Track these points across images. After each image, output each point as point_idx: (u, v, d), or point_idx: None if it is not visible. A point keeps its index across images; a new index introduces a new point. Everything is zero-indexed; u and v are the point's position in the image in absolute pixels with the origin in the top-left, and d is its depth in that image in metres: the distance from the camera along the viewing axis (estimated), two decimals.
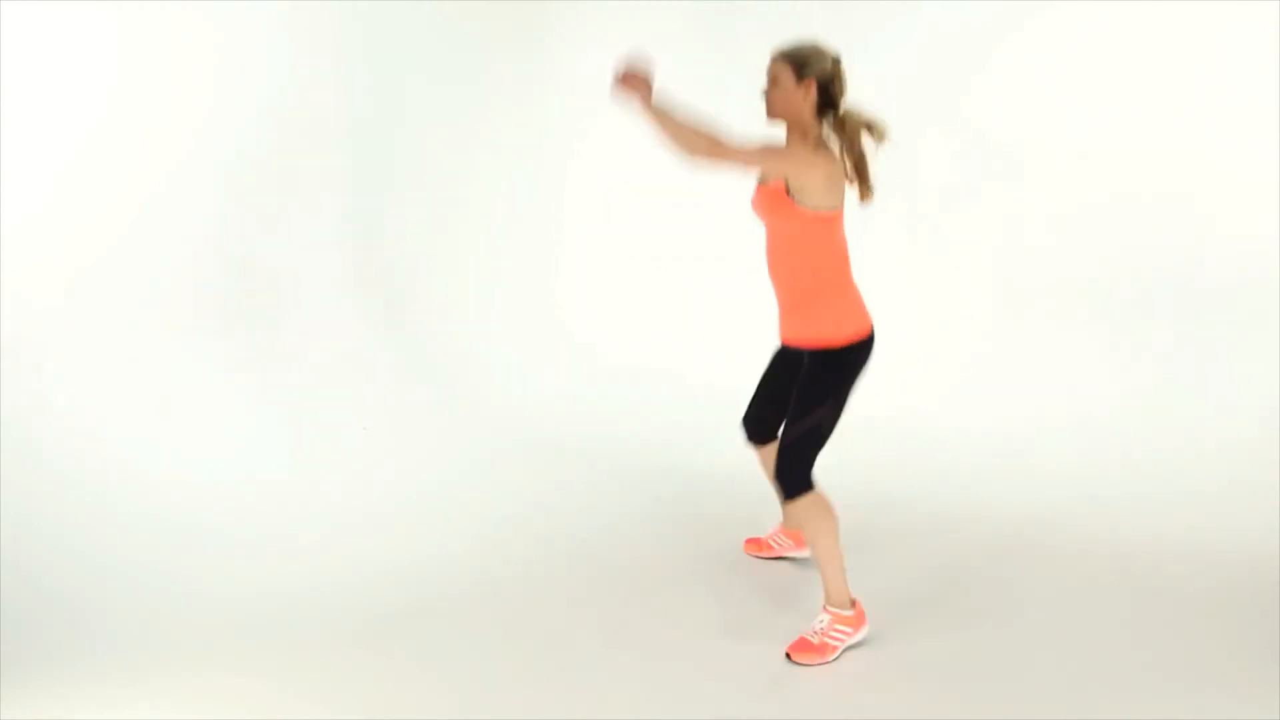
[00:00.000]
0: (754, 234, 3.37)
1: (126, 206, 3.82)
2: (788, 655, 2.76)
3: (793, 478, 2.76)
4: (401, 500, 3.87)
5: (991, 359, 4.58)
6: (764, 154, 2.67)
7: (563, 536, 3.61)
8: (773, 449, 3.07)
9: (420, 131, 4.94)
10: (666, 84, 5.44)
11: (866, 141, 2.75)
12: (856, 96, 2.81)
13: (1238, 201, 4.24)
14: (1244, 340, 4.17)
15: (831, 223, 2.74)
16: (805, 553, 3.31)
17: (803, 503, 2.77)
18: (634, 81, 2.63)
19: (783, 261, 2.83)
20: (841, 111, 2.76)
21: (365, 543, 3.53)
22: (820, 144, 2.74)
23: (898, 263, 4.76)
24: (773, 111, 2.78)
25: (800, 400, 2.78)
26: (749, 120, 2.91)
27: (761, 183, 2.82)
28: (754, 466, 3.43)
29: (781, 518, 3.37)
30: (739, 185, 5.14)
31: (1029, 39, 4.56)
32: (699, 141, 2.57)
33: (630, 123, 5.41)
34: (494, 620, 3.01)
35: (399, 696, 2.62)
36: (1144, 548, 3.37)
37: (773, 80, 2.76)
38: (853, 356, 2.77)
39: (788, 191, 2.69)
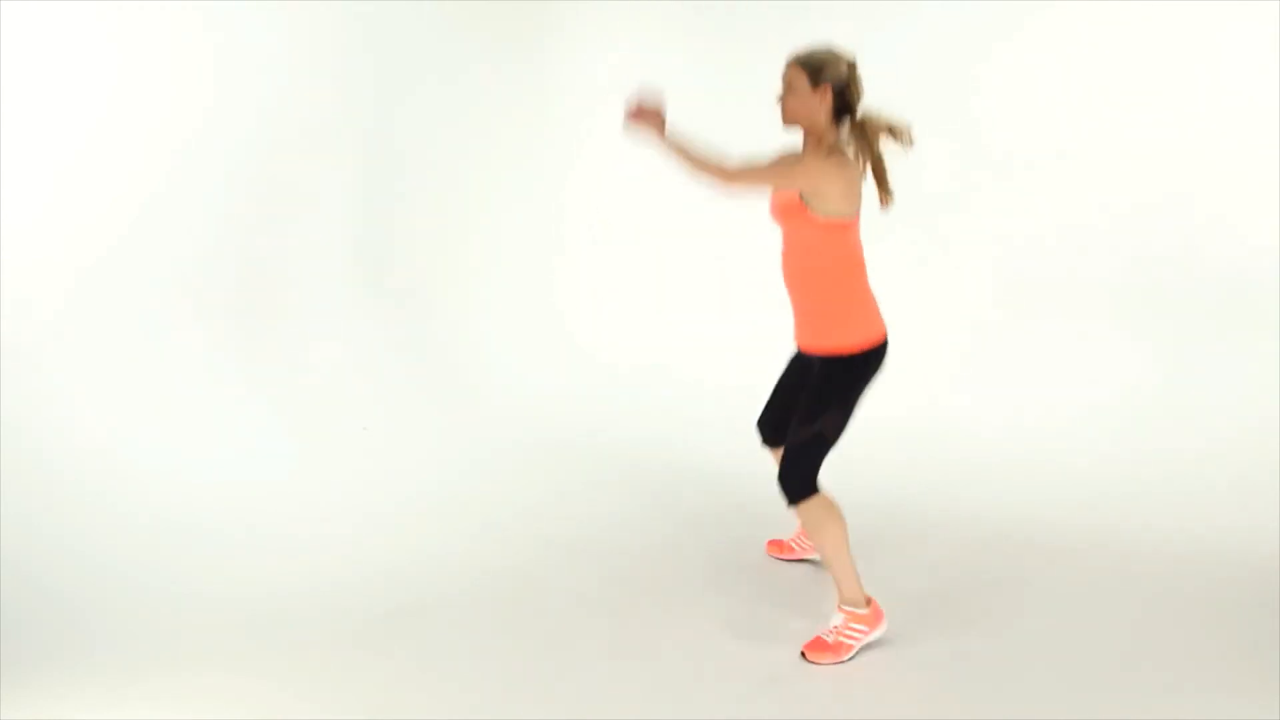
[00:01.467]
0: (755, 234, 3.38)
1: (127, 206, 3.82)
2: (803, 654, 2.75)
3: (794, 482, 2.75)
4: (401, 500, 3.87)
5: (993, 360, 4.57)
6: (779, 171, 2.68)
7: (563, 536, 3.60)
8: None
9: (420, 132, 4.94)
10: (666, 84, 5.44)
11: (887, 145, 2.75)
12: (870, 98, 2.81)
13: (1238, 202, 4.24)
14: (1245, 340, 4.17)
15: (847, 230, 2.73)
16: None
17: (807, 507, 2.76)
18: (646, 116, 2.65)
19: (798, 268, 2.82)
20: (859, 116, 2.75)
21: (365, 543, 3.53)
22: (836, 150, 2.72)
23: (900, 263, 4.75)
24: (788, 118, 2.78)
25: (807, 405, 2.77)
26: (753, 123, 2.92)
27: (777, 190, 2.81)
28: (754, 466, 3.44)
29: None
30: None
31: (1030, 39, 4.56)
32: (716, 172, 2.61)
33: (633, 139, 5.43)
34: (494, 620, 3.01)
35: (399, 696, 2.62)
36: (1145, 548, 3.37)
37: (788, 86, 2.75)
38: (863, 364, 2.76)
39: (802, 199, 2.69)
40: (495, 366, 5.00)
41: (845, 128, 2.76)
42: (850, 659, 2.74)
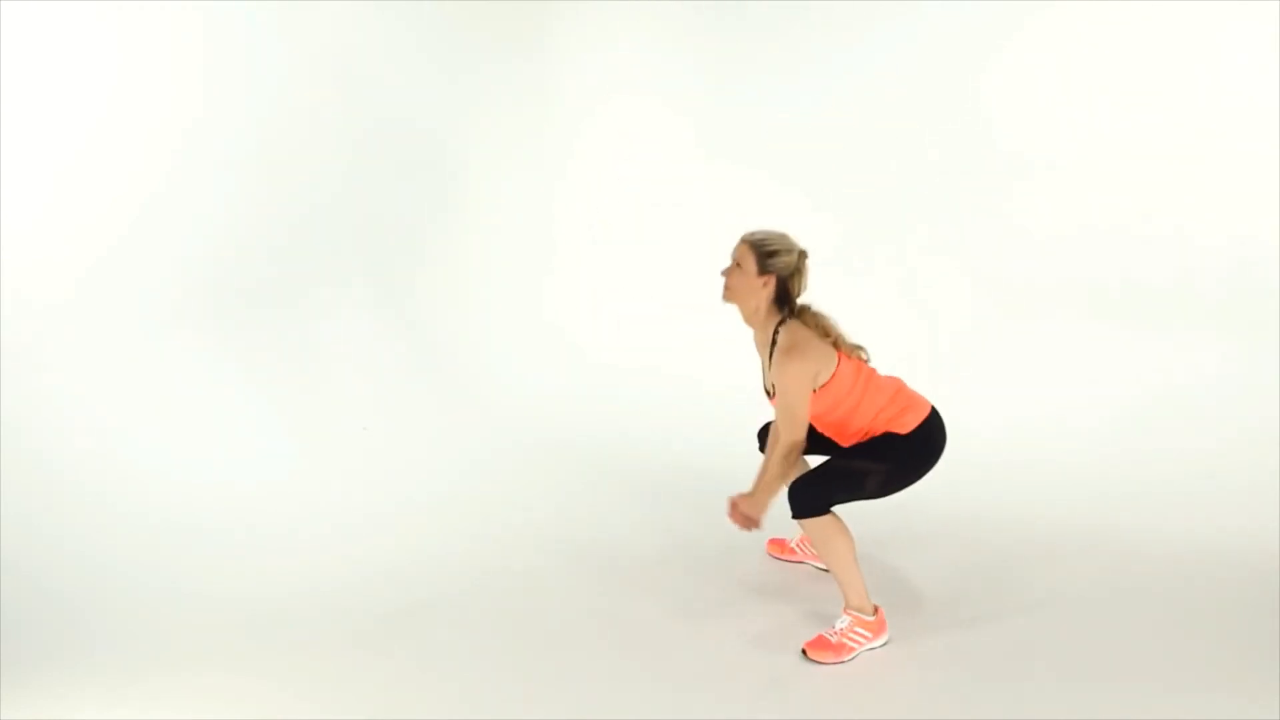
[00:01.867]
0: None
1: (127, 206, 3.82)
2: (803, 651, 2.76)
3: (806, 501, 2.77)
4: (401, 500, 3.87)
5: (993, 360, 4.57)
6: (795, 403, 2.75)
7: (562, 536, 3.60)
8: (802, 464, 3.08)
9: (420, 132, 4.93)
10: (667, 84, 5.42)
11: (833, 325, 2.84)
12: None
13: (1238, 202, 4.24)
14: (1245, 340, 4.17)
15: (839, 379, 2.78)
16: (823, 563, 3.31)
17: (814, 521, 2.78)
18: (745, 521, 2.85)
19: (832, 430, 2.90)
20: (799, 307, 2.84)
21: (365, 543, 3.53)
22: (791, 337, 2.78)
23: (901, 265, 4.76)
24: (728, 295, 2.86)
25: (868, 448, 2.83)
26: (754, 122, 2.92)
27: (770, 395, 2.90)
28: (754, 466, 3.43)
29: None
30: (739, 179, 5.16)
31: (1030, 40, 4.56)
32: (786, 461, 2.78)
33: (628, 125, 5.43)
34: (494, 620, 3.01)
35: (399, 696, 2.62)
36: (1145, 548, 3.37)
37: (736, 264, 2.83)
38: (920, 440, 2.84)
39: None
40: (494, 366, 5.00)
41: (784, 314, 2.83)
42: (849, 660, 2.74)
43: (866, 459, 2.82)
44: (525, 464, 4.28)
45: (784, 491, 2.84)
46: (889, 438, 2.84)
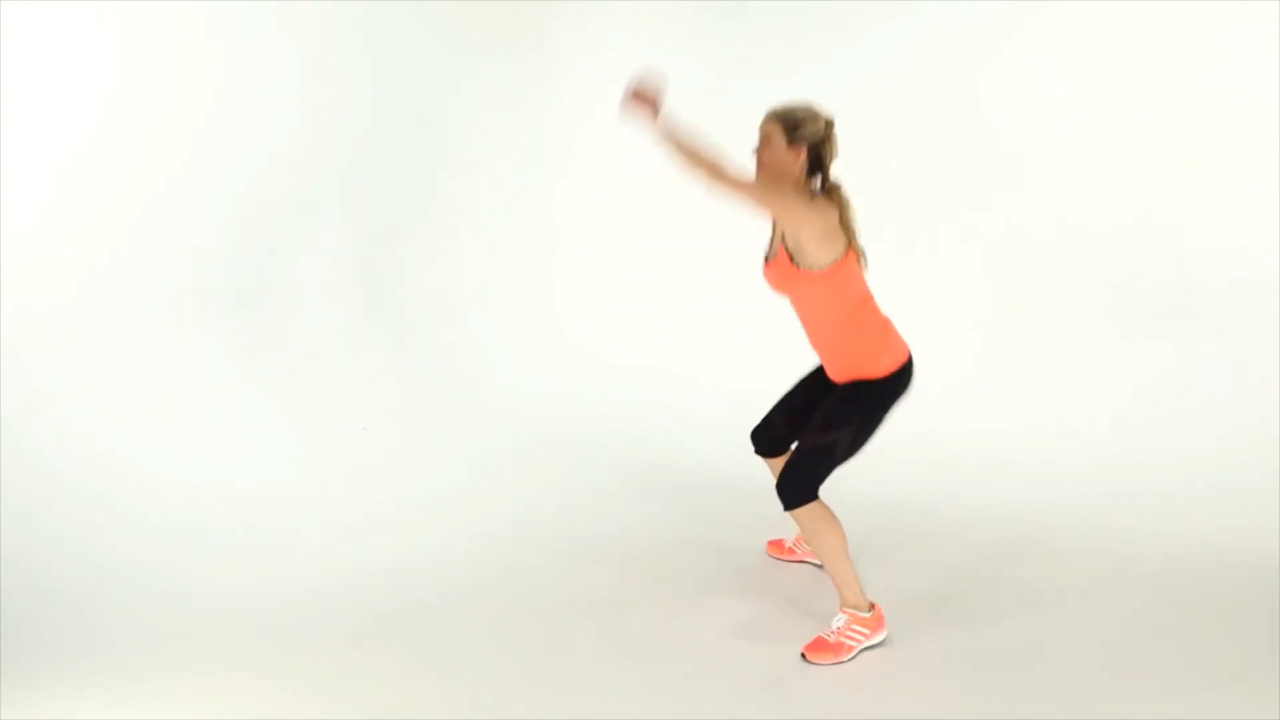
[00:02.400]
0: (755, 234, 3.37)
1: (127, 206, 3.83)
2: (803, 655, 2.76)
3: (792, 490, 2.75)
4: (401, 500, 3.87)
5: (993, 361, 4.57)
6: (762, 191, 2.67)
7: (563, 536, 3.61)
8: (780, 461, 3.08)
9: (420, 132, 4.94)
10: (666, 84, 5.43)
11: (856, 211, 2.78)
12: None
13: (1239, 202, 4.24)
14: (1245, 340, 4.17)
15: (841, 271, 2.74)
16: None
17: (803, 513, 2.77)
18: (643, 99, 2.65)
19: (813, 322, 2.86)
20: (831, 180, 2.78)
21: (365, 543, 3.54)
22: (814, 198, 2.74)
23: (902, 264, 4.76)
24: (762, 173, 2.80)
25: (826, 416, 2.79)
26: (753, 122, 2.91)
27: (767, 260, 2.86)
28: (754, 466, 3.43)
29: None
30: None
31: (1030, 40, 4.56)
32: (701, 168, 2.60)
33: (628, 124, 5.43)
34: (494, 620, 3.01)
35: (399, 696, 2.62)
36: (1145, 548, 3.37)
37: (764, 140, 2.78)
38: (890, 386, 2.79)
39: (792, 260, 2.72)
40: (495, 366, 5.00)
41: (816, 183, 2.78)
42: (849, 660, 2.75)
43: (830, 428, 2.75)
44: (525, 464, 4.28)
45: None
46: (855, 389, 2.78)
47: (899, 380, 2.80)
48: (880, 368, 2.78)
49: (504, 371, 4.99)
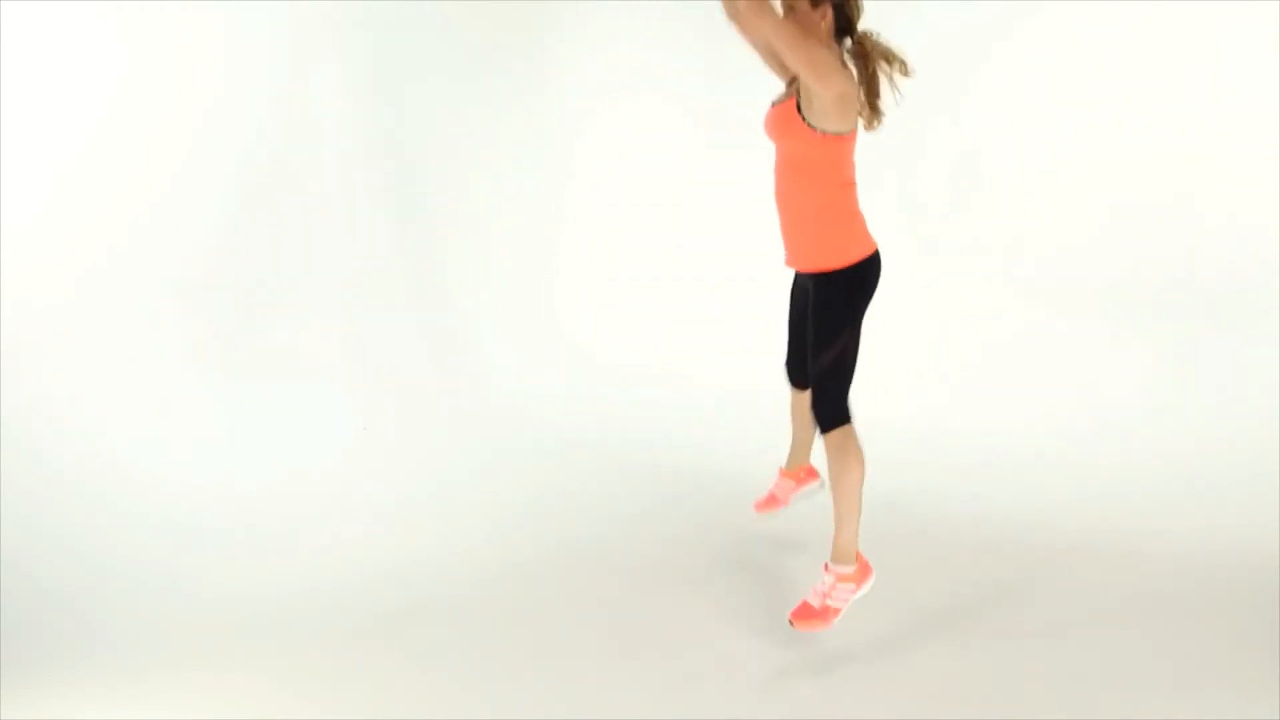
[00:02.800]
0: (755, 234, 3.37)
1: (127, 206, 3.83)
2: (790, 622, 2.72)
3: (827, 410, 2.73)
4: (402, 500, 3.87)
5: (993, 361, 4.57)
6: (793, 35, 2.57)
7: (563, 536, 3.60)
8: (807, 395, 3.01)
9: (420, 132, 4.93)
10: (668, 83, 5.43)
11: (884, 70, 2.73)
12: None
13: (1239, 202, 4.24)
14: (1245, 340, 4.17)
15: (841, 146, 2.70)
16: (806, 489, 3.26)
17: (836, 437, 2.74)
18: None
19: (791, 184, 2.80)
20: (859, 34, 2.72)
21: (365, 543, 3.53)
22: (842, 63, 2.68)
23: (903, 263, 4.75)
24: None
25: (817, 332, 2.75)
26: (752, 122, 2.92)
27: (775, 103, 2.80)
28: (755, 465, 3.43)
29: (785, 461, 3.28)
30: (740, 179, 5.15)
31: (1030, 40, 4.56)
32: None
33: (630, 125, 5.43)
34: (494, 620, 3.01)
35: (399, 696, 2.62)
36: (1145, 548, 3.36)
37: (788, 6, 2.70)
38: (860, 276, 2.75)
39: (799, 109, 2.66)
40: (495, 366, 5.00)
41: (844, 46, 2.72)
42: (839, 621, 2.71)
43: (831, 339, 2.72)
44: (525, 463, 4.28)
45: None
46: (826, 290, 2.74)
47: (867, 270, 2.76)
48: (845, 257, 2.73)
49: (504, 372, 4.99)
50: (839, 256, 2.73)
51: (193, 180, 4.00)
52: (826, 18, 2.68)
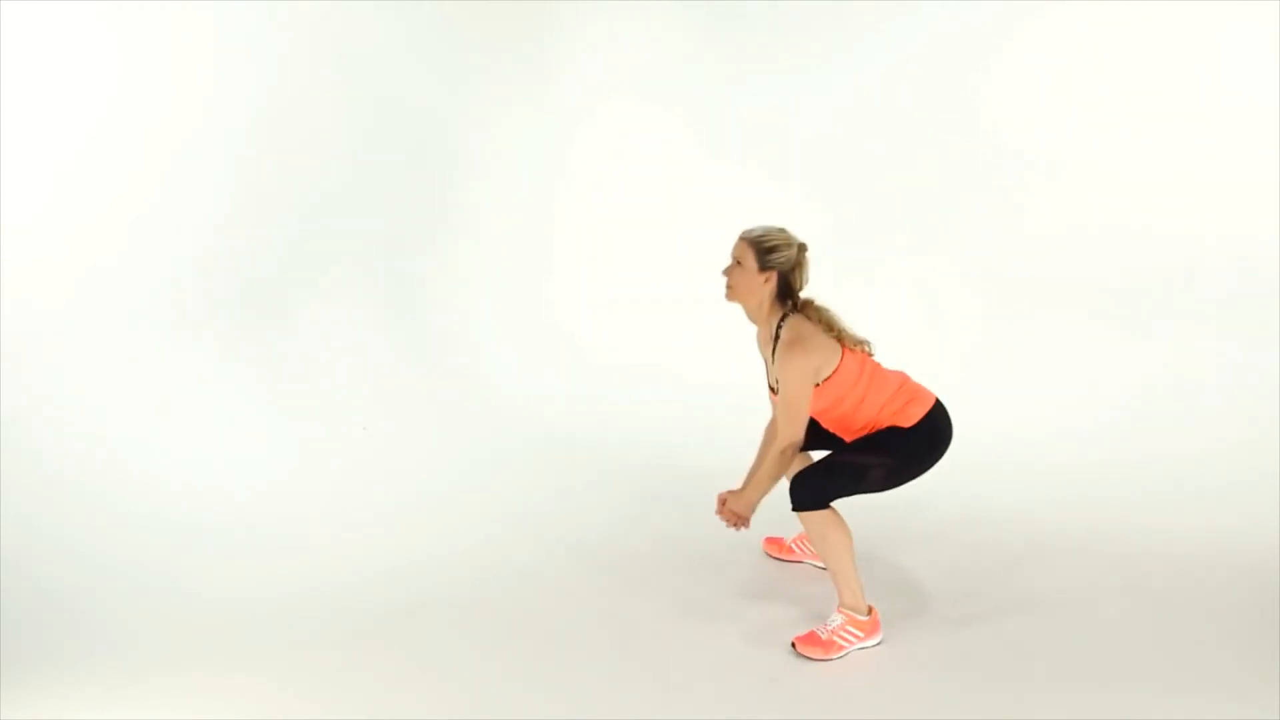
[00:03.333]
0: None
1: (127, 206, 3.83)
2: (793, 645, 2.77)
3: (808, 493, 2.77)
4: (402, 500, 3.87)
5: (993, 360, 4.57)
6: (797, 399, 2.74)
7: (563, 536, 3.60)
8: (803, 459, 3.09)
9: (420, 132, 4.94)
10: (667, 84, 5.42)
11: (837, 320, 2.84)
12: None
13: (1238, 202, 4.24)
14: (1244, 340, 4.17)
15: (843, 373, 2.78)
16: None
17: (812, 516, 2.78)
18: (733, 518, 2.89)
19: (837, 426, 2.90)
20: (802, 302, 2.84)
21: (366, 543, 3.53)
22: (794, 330, 2.77)
23: (901, 266, 4.76)
24: (730, 295, 2.86)
25: (873, 441, 2.82)
26: (753, 122, 2.92)
27: (773, 391, 2.90)
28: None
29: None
30: (739, 178, 5.16)
31: (1030, 41, 4.56)
32: (784, 459, 2.78)
33: (628, 125, 5.44)
34: (494, 620, 3.01)
35: (399, 696, 2.62)
36: (1145, 548, 3.37)
37: (737, 261, 2.83)
38: (924, 432, 2.82)
39: None
40: (495, 367, 5.00)
41: (786, 308, 2.83)
42: (838, 659, 2.75)
43: (870, 453, 2.81)
44: (525, 464, 4.28)
45: (779, 487, 2.83)
46: (893, 431, 2.83)
47: (932, 426, 2.83)
48: (908, 418, 2.82)
49: (503, 372, 4.99)
50: (900, 420, 2.83)
51: (191, 180, 4.00)
52: (771, 282, 2.80)
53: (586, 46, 5.40)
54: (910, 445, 2.82)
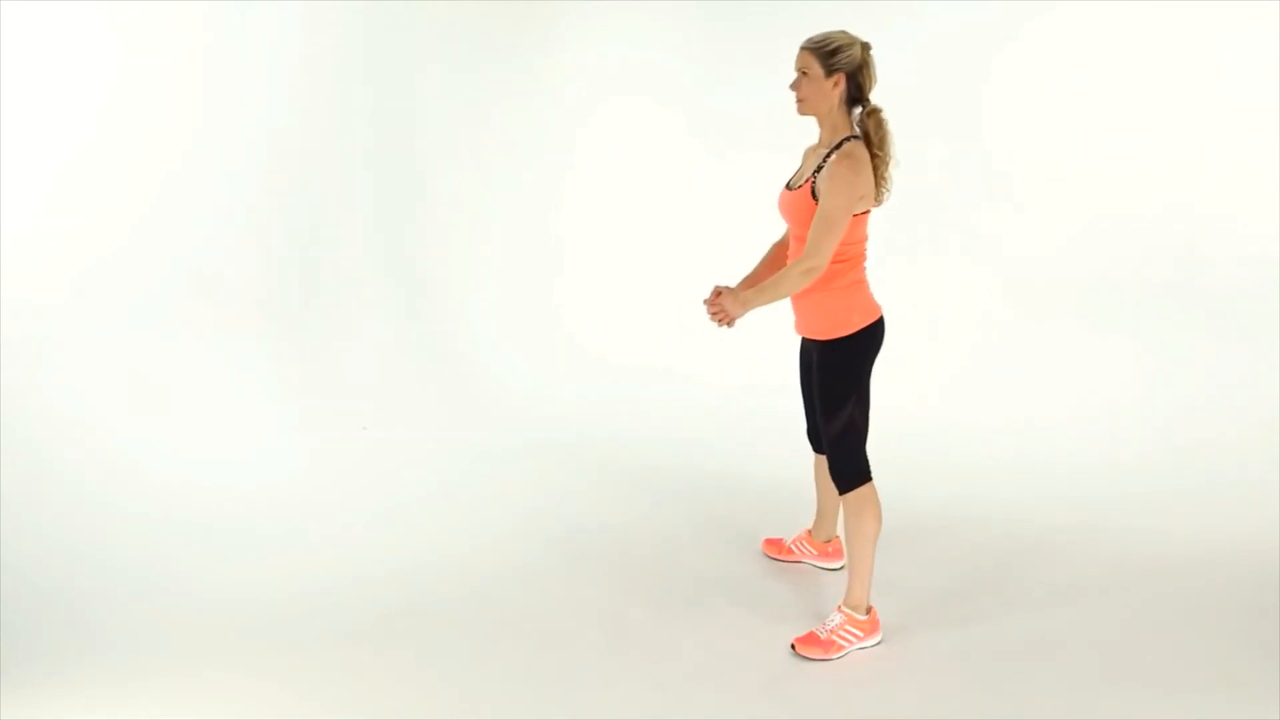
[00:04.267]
0: (756, 233, 3.37)
1: (128, 206, 3.83)
2: (792, 646, 2.78)
3: (845, 472, 2.78)
4: (402, 501, 3.87)
5: (994, 361, 4.57)
6: (834, 223, 2.61)
7: (563, 536, 3.60)
8: (820, 461, 3.11)
9: (421, 132, 4.94)
10: (667, 83, 5.43)
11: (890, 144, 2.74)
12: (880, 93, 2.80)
13: (1239, 203, 4.24)
14: (1245, 340, 4.17)
15: (855, 224, 2.71)
16: (826, 564, 3.31)
17: (853, 497, 2.79)
18: (721, 313, 2.67)
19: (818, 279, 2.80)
20: (870, 105, 2.74)
21: (366, 543, 3.53)
22: (853, 150, 2.68)
23: (904, 263, 4.76)
24: (803, 108, 2.76)
25: (824, 398, 2.78)
26: (752, 122, 2.91)
27: (789, 187, 2.81)
28: (755, 466, 3.44)
29: (810, 526, 3.36)
30: (739, 178, 5.16)
31: (1033, 43, 4.56)
32: (802, 280, 2.62)
33: (629, 124, 5.43)
34: (494, 620, 3.01)
35: (399, 696, 2.62)
36: (1145, 548, 3.37)
37: (802, 72, 2.73)
38: (862, 343, 2.76)
39: (814, 197, 2.68)
40: (495, 366, 5.00)
41: (857, 116, 2.74)
42: (837, 659, 2.75)
43: (833, 411, 2.75)
44: (525, 464, 4.28)
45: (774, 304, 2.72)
46: (829, 356, 2.76)
47: (869, 337, 2.77)
48: (848, 326, 2.74)
49: (505, 372, 4.99)
50: (842, 326, 2.75)
51: (191, 180, 4.01)
52: (840, 85, 2.70)
53: (587, 46, 5.39)
54: (851, 363, 2.75)
